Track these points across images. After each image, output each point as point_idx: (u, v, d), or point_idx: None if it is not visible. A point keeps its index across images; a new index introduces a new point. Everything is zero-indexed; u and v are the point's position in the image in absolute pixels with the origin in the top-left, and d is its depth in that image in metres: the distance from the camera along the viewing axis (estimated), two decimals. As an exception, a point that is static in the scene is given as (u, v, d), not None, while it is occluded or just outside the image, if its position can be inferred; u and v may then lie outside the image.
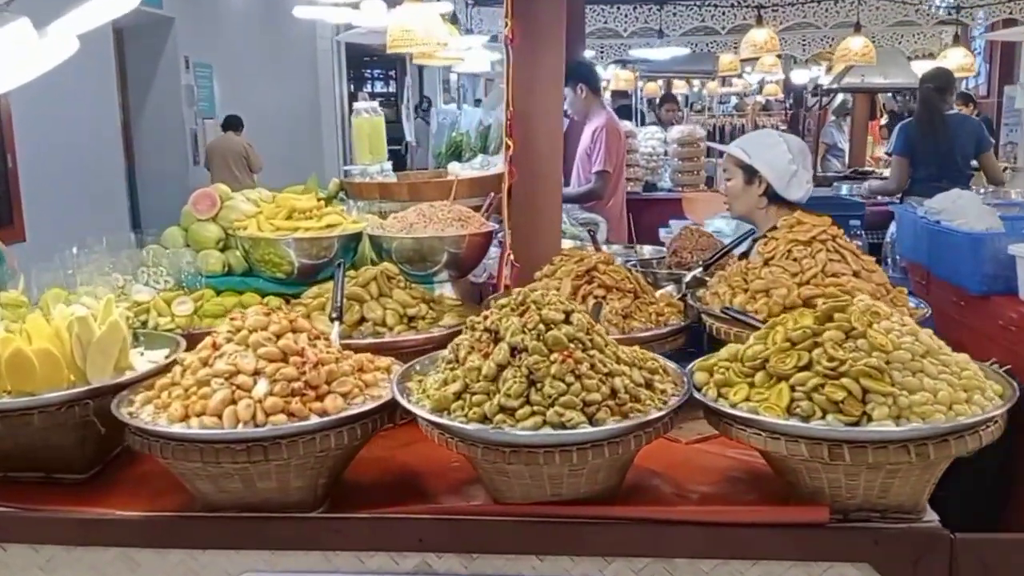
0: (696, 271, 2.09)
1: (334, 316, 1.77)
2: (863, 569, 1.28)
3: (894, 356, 1.24)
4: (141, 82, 8.11)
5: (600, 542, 1.34)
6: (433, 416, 1.33)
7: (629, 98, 11.30)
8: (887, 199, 5.20)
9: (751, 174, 2.44)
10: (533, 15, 2.15)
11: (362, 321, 1.86)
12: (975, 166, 5.08)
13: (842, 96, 8.92)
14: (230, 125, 8.67)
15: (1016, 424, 1.34)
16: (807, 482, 1.28)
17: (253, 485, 1.37)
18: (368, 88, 17.06)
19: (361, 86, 16.49)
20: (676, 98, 9.83)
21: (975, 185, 4.86)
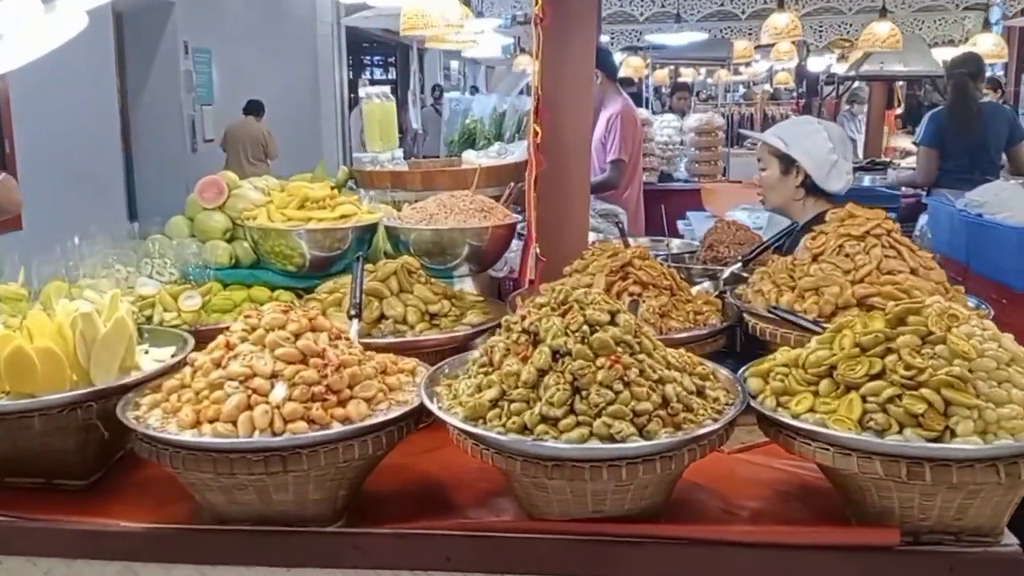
0: (734, 267, 1.98)
1: (353, 313, 1.67)
2: (936, 597, 1.18)
3: (977, 364, 1.13)
4: (140, 67, 7.97)
5: (646, 564, 1.24)
6: (467, 425, 1.22)
7: (635, 86, 11.13)
8: (912, 191, 5.03)
9: (788, 164, 2.31)
10: (565, -7, 2.03)
11: (382, 319, 1.75)
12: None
13: (853, 84, 8.74)
14: (251, 110, 8.56)
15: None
16: (875, 501, 1.18)
17: (269, 497, 1.27)
18: (367, 75, 16.89)
19: (360, 73, 16.31)
20: (688, 86, 9.66)
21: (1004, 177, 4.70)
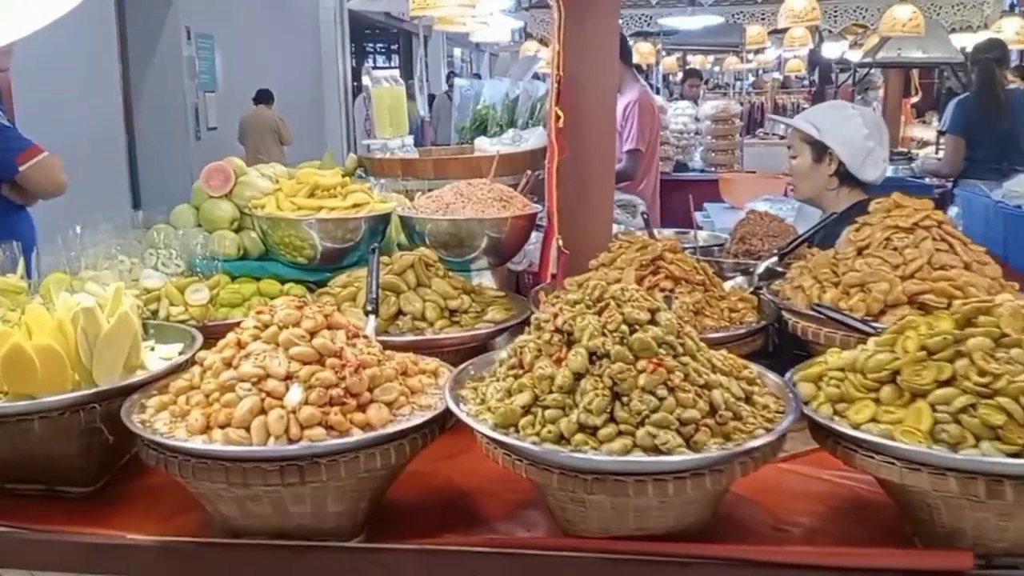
0: (769, 261, 1.87)
1: (369, 309, 1.58)
2: (1012, 627, 1.09)
3: (1058, 370, 1.03)
4: (142, 53, 7.86)
5: (693, 584, 1.14)
6: (498, 434, 1.13)
7: (643, 72, 10.98)
8: (939, 181, 4.90)
9: (821, 151, 2.21)
10: (587, -31, 1.92)
11: (399, 315, 1.66)
12: None
13: (870, 71, 8.57)
14: (261, 99, 8.54)
15: None
16: (944, 521, 1.08)
17: (285, 509, 1.18)
18: (370, 63, 16.74)
19: (362, 60, 16.15)
20: (700, 73, 9.50)
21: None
